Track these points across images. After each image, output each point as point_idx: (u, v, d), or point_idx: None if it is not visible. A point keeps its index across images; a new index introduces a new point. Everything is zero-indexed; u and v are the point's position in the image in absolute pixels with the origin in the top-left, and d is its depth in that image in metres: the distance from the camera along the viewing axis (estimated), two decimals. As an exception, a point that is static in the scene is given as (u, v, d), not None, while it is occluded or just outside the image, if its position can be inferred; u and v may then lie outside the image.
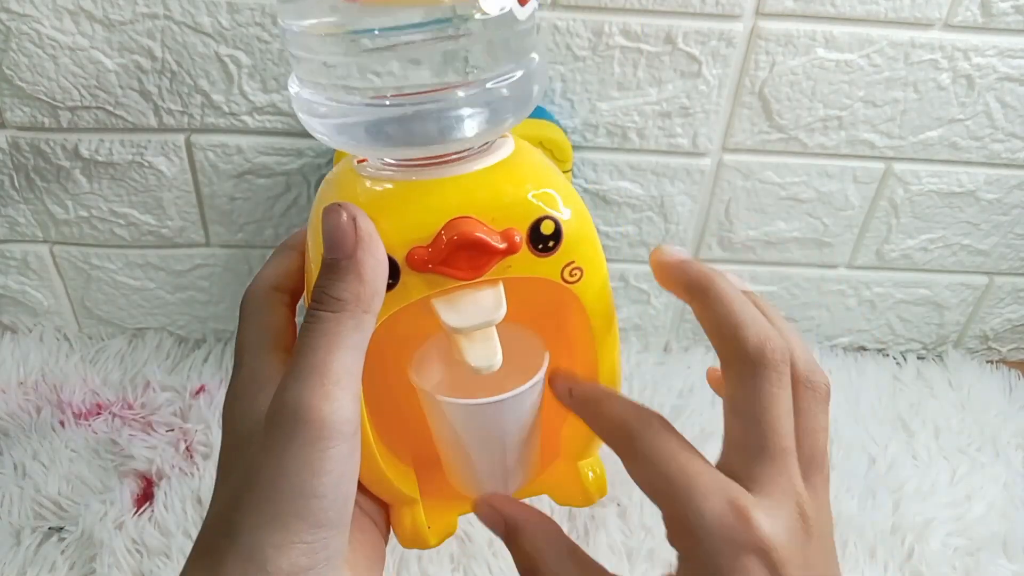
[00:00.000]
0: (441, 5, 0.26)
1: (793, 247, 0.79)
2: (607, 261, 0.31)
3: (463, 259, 0.27)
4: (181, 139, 0.70)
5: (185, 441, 0.69)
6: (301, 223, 0.75)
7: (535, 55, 0.29)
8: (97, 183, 0.72)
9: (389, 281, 0.27)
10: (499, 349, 0.29)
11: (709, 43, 0.66)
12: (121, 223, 0.74)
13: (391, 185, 0.28)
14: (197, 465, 0.67)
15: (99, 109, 0.67)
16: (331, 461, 0.24)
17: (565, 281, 0.30)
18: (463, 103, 0.27)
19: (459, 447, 0.32)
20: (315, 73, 0.28)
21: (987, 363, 0.86)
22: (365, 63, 0.27)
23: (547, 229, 0.28)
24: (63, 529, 0.62)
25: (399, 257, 0.27)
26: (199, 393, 0.74)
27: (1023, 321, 0.86)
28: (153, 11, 0.63)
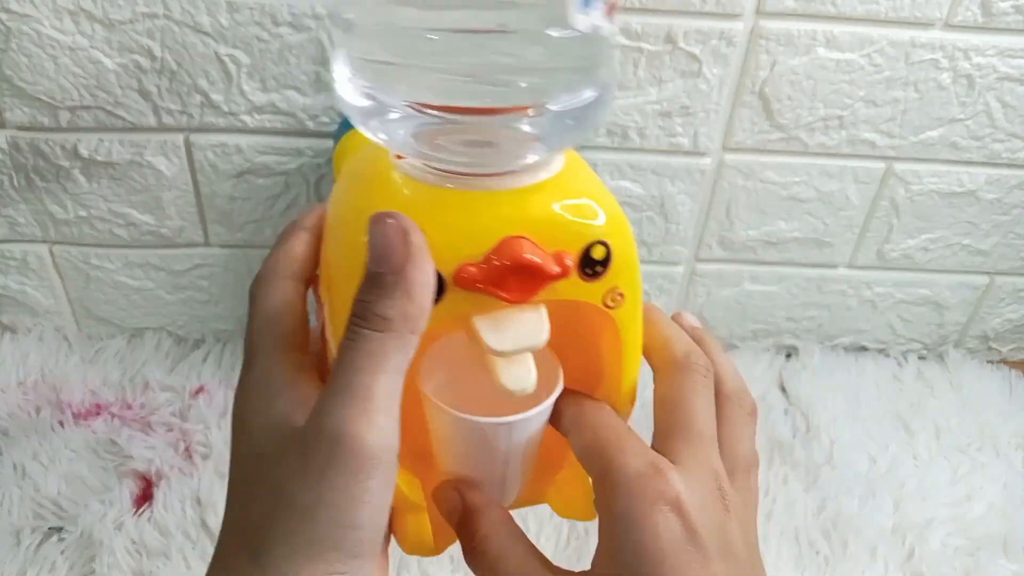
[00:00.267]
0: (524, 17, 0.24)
1: (793, 247, 0.79)
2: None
3: (514, 281, 0.26)
4: (180, 139, 0.70)
5: (185, 441, 0.69)
6: (301, 223, 0.75)
7: (608, 74, 0.28)
8: (96, 183, 0.72)
9: (434, 297, 0.26)
10: (535, 371, 0.28)
11: (709, 43, 0.66)
12: (120, 223, 0.74)
13: (438, 192, 0.27)
14: (197, 465, 0.67)
15: (99, 109, 0.67)
16: (370, 492, 0.23)
17: (606, 306, 0.29)
18: (520, 125, 0.26)
19: (461, 458, 0.32)
20: (363, 63, 0.26)
21: (987, 363, 0.86)
22: (428, 68, 0.25)
23: (598, 254, 0.28)
24: (63, 529, 0.62)
25: (446, 273, 0.26)
26: (199, 393, 0.74)
27: (1023, 321, 0.86)
28: (153, 11, 0.63)
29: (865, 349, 0.88)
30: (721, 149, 0.72)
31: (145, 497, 0.65)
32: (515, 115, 0.25)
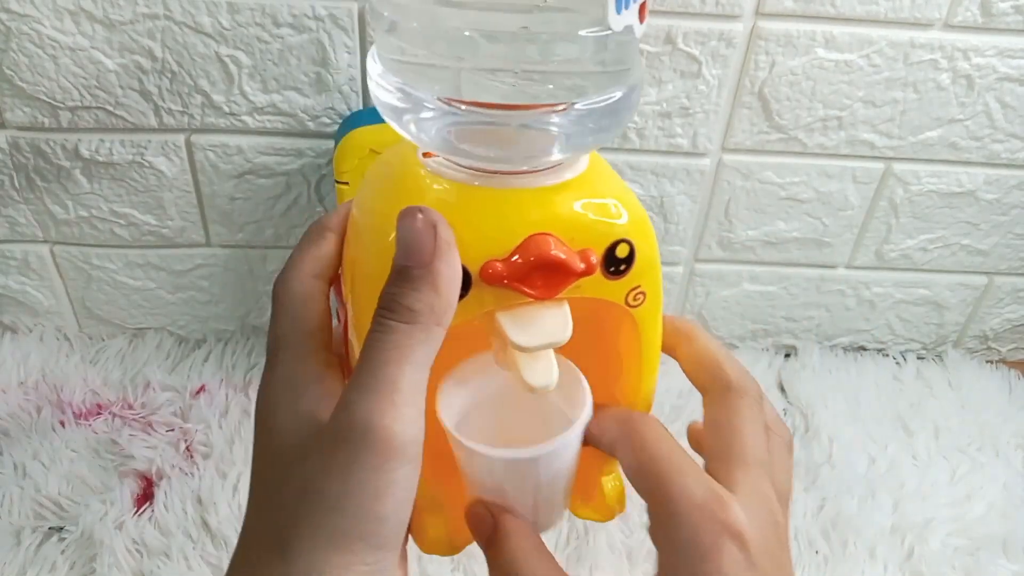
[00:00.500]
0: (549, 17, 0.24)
1: (793, 247, 0.79)
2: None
3: (540, 278, 0.26)
4: (181, 139, 0.70)
5: (185, 441, 0.69)
6: (302, 223, 0.76)
7: (635, 72, 0.28)
8: (97, 183, 0.72)
9: (460, 292, 0.26)
10: (556, 369, 0.28)
11: (709, 43, 0.66)
12: (121, 223, 0.74)
13: (465, 189, 0.27)
14: (197, 465, 0.67)
15: (99, 109, 0.67)
16: (396, 484, 0.23)
17: (628, 305, 0.29)
18: (547, 124, 0.26)
19: (489, 491, 0.30)
20: (398, 64, 0.26)
21: (987, 363, 0.87)
22: (462, 64, 0.25)
23: (622, 252, 0.28)
24: (63, 529, 0.62)
25: (473, 268, 0.26)
26: (199, 393, 0.74)
27: (1023, 321, 0.86)
28: (153, 11, 0.63)
29: (864, 349, 0.88)
30: (720, 150, 0.72)
31: (146, 497, 0.65)
32: (545, 112, 0.26)
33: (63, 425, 0.70)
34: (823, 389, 0.80)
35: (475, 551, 0.63)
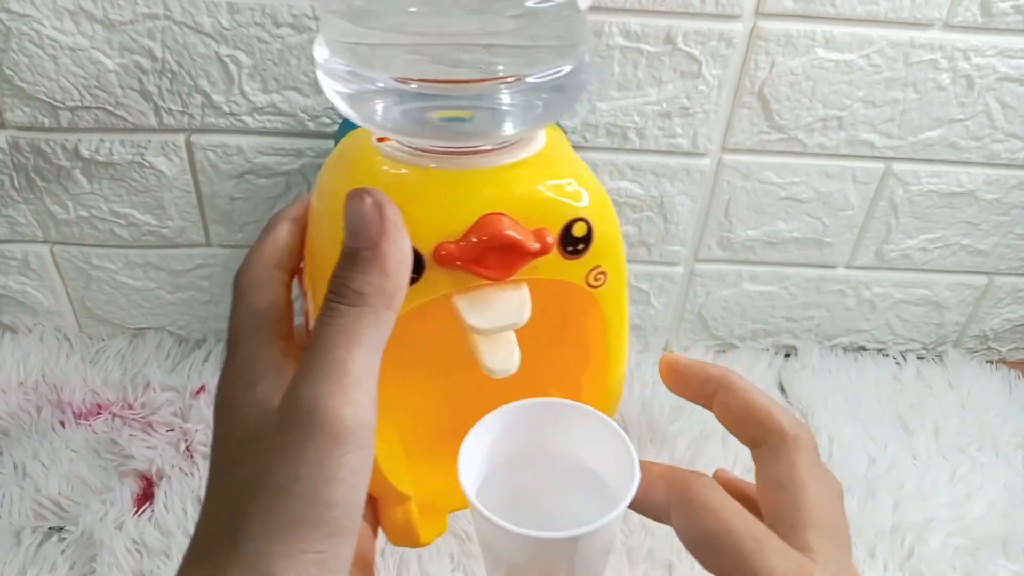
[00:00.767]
0: None
1: (793, 247, 0.79)
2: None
3: (494, 258, 0.26)
4: (181, 139, 0.70)
5: (185, 441, 0.69)
6: (301, 223, 0.75)
7: (585, 48, 0.28)
8: (97, 183, 0.72)
9: (412, 275, 0.25)
10: (517, 352, 0.27)
11: (709, 43, 0.66)
12: (121, 223, 0.74)
13: (418, 172, 0.27)
14: (197, 465, 0.67)
15: (99, 109, 0.67)
16: (346, 468, 0.23)
17: (589, 285, 0.29)
18: (502, 98, 0.25)
19: (515, 570, 0.28)
20: (346, 46, 0.26)
21: (987, 363, 0.87)
22: (416, 39, 0.25)
23: (579, 231, 0.27)
24: (63, 529, 0.62)
25: (425, 251, 0.26)
26: (199, 393, 0.74)
27: (1023, 321, 0.86)
28: (153, 11, 0.63)
29: (864, 349, 0.88)
30: (720, 150, 0.72)
31: (146, 497, 0.65)
32: (494, 86, 0.25)
33: (63, 425, 0.70)
34: (823, 389, 0.80)
35: (475, 551, 0.63)
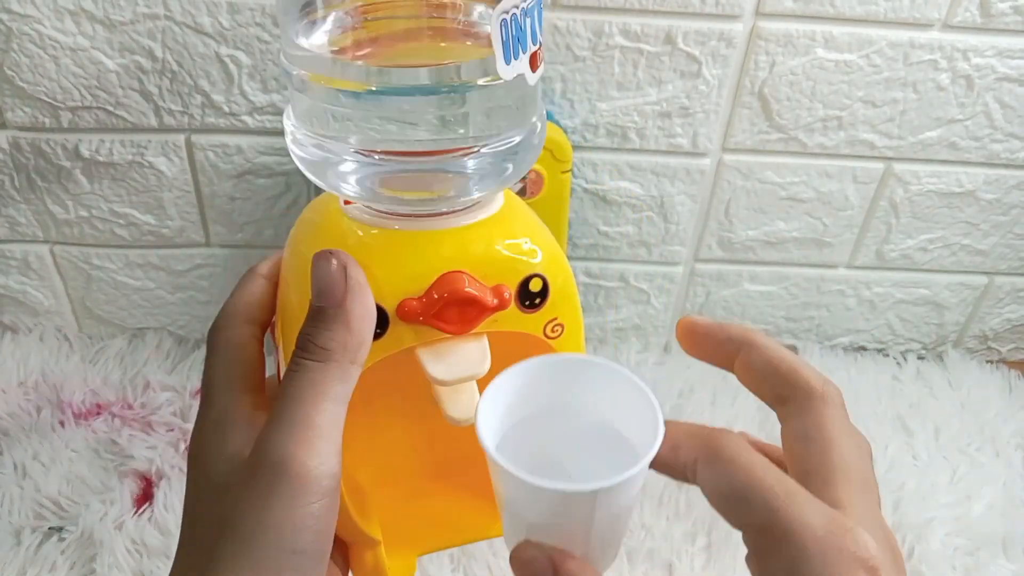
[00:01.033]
0: (446, 70, 0.26)
1: (793, 247, 0.79)
2: (607, 261, 0.31)
3: (454, 313, 0.28)
4: (181, 139, 0.70)
5: (185, 441, 0.69)
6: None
7: (536, 119, 0.30)
8: (97, 183, 0.72)
9: (377, 330, 0.27)
10: (477, 400, 0.28)
11: (709, 43, 0.66)
12: (121, 223, 0.74)
13: (381, 233, 0.28)
14: (197, 465, 0.67)
15: (99, 109, 0.67)
16: (312, 517, 0.24)
17: (547, 336, 0.30)
18: (458, 167, 0.27)
19: (535, 529, 0.28)
20: (312, 116, 0.28)
21: (987, 363, 0.87)
22: (364, 119, 0.27)
23: (535, 287, 0.29)
24: (63, 529, 0.62)
25: (389, 307, 0.27)
26: (199, 393, 0.74)
27: (1022, 321, 0.86)
28: (153, 11, 0.63)
29: (864, 349, 0.88)
30: (720, 150, 0.72)
31: (146, 497, 0.65)
32: (451, 157, 0.27)
33: (63, 425, 0.70)
34: (823, 389, 0.80)
35: (474, 551, 0.63)
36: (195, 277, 0.79)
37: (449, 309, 0.27)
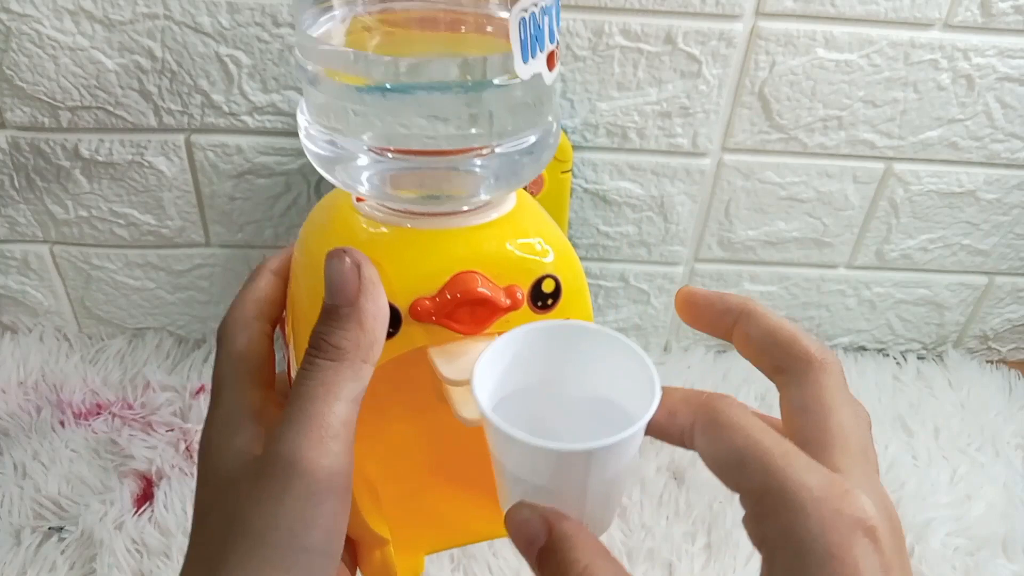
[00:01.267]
0: (472, 65, 0.26)
1: (793, 247, 0.79)
2: (607, 261, 0.31)
3: (467, 314, 0.28)
4: (181, 139, 0.70)
5: (185, 441, 0.69)
6: (301, 223, 0.75)
7: (551, 118, 0.29)
8: (97, 183, 0.72)
9: (390, 330, 0.26)
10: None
11: (709, 43, 0.66)
12: (121, 223, 0.74)
13: (395, 232, 0.28)
14: (197, 465, 0.67)
15: (99, 109, 0.67)
16: (324, 516, 0.24)
17: None
18: (473, 167, 0.27)
19: (531, 492, 0.27)
20: (328, 111, 0.27)
21: (987, 363, 0.87)
22: (381, 115, 0.26)
23: (548, 287, 0.29)
24: (63, 529, 0.62)
25: (402, 307, 0.27)
26: (199, 393, 0.74)
27: (1023, 321, 0.86)
28: (153, 11, 0.63)
29: (864, 349, 0.88)
30: (720, 149, 0.72)
31: (146, 497, 0.65)
32: (465, 157, 0.27)
33: (63, 425, 0.70)
34: (823, 389, 0.80)
35: (475, 551, 0.63)
36: (195, 277, 0.79)
37: (461, 309, 0.27)
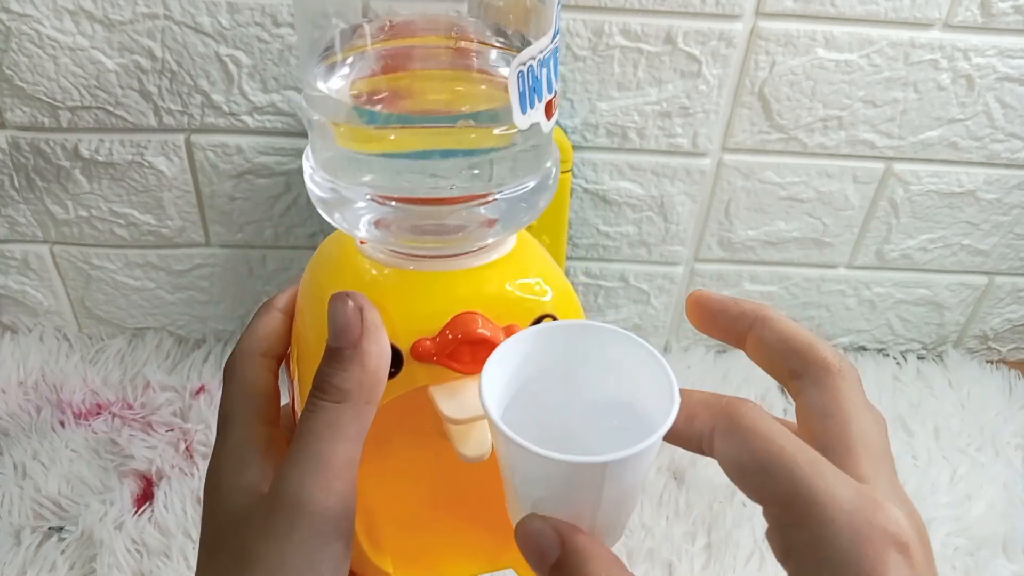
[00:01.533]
0: (472, 124, 0.27)
1: (793, 247, 0.79)
2: (607, 261, 0.32)
3: (467, 353, 0.28)
4: (181, 139, 0.70)
5: (185, 441, 0.69)
6: (301, 223, 0.76)
7: (550, 163, 0.30)
8: (97, 183, 0.72)
9: (392, 370, 0.27)
10: (489, 439, 0.29)
11: (709, 43, 0.66)
12: (121, 223, 0.74)
13: (397, 273, 0.29)
14: (197, 465, 0.67)
15: (99, 109, 0.67)
16: (329, 556, 0.25)
17: None
18: (474, 213, 0.28)
19: (541, 503, 0.26)
20: (333, 163, 0.28)
21: (987, 363, 0.87)
22: (384, 168, 0.27)
23: None
24: (63, 529, 0.62)
25: (403, 347, 0.28)
26: (199, 393, 0.74)
27: (1023, 321, 0.86)
28: (153, 11, 0.63)
29: (864, 349, 0.88)
30: (720, 149, 0.72)
31: (146, 497, 0.65)
32: (466, 204, 0.28)
33: (63, 425, 0.70)
34: (823, 389, 0.80)
35: None
36: (195, 277, 0.79)
37: (462, 349, 0.28)
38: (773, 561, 0.25)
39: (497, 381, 0.27)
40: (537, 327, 0.28)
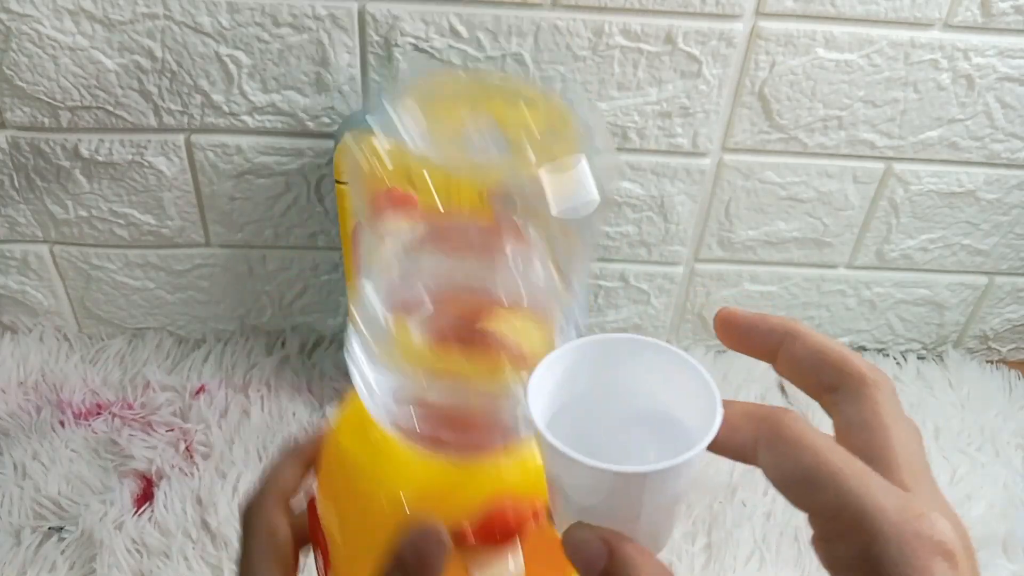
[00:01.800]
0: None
1: (793, 247, 0.79)
2: (607, 261, 0.32)
3: (498, 535, 0.31)
4: (181, 139, 0.70)
5: (185, 441, 0.69)
6: (302, 223, 0.75)
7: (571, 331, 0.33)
8: (97, 183, 0.72)
9: None
10: None
11: (709, 43, 0.66)
12: (121, 223, 0.74)
13: (431, 464, 0.32)
14: (197, 465, 0.67)
15: (99, 109, 0.67)
16: None
17: None
18: (506, 422, 0.31)
19: (587, 512, 0.27)
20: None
21: (987, 363, 0.86)
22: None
23: None
24: (63, 529, 0.62)
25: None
26: (199, 393, 0.74)
27: (1023, 321, 0.86)
28: (153, 11, 0.63)
29: (864, 349, 0.88)
30: (720, 149, 0.72)
31: (146, 497, 0.65)
32: (499, 413, 0.31)
33: (63, 425, 0.70)
34: (823, 389, 0.80)
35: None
36: (195, 277, 0.78)
37: (495, 534, 0.31)
38: (773, 561, 0.25)
39: (542, 394, 0.27)
40: (579, 341, 0.28)
